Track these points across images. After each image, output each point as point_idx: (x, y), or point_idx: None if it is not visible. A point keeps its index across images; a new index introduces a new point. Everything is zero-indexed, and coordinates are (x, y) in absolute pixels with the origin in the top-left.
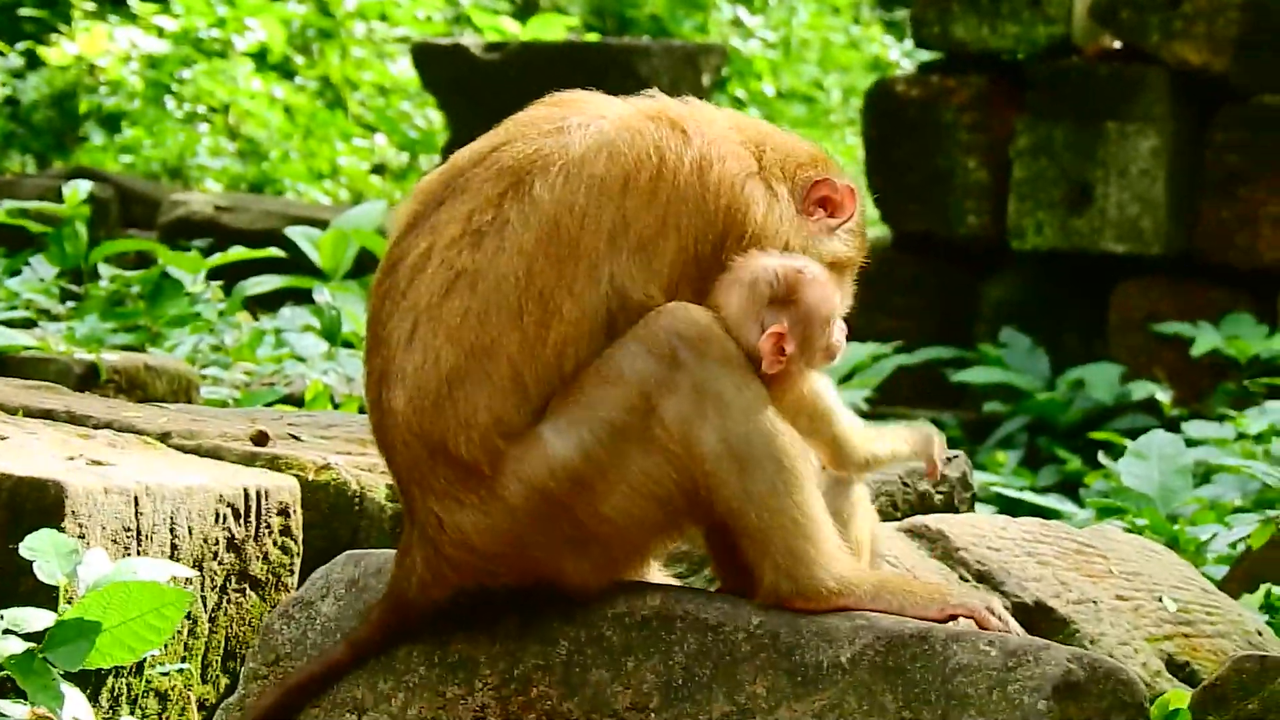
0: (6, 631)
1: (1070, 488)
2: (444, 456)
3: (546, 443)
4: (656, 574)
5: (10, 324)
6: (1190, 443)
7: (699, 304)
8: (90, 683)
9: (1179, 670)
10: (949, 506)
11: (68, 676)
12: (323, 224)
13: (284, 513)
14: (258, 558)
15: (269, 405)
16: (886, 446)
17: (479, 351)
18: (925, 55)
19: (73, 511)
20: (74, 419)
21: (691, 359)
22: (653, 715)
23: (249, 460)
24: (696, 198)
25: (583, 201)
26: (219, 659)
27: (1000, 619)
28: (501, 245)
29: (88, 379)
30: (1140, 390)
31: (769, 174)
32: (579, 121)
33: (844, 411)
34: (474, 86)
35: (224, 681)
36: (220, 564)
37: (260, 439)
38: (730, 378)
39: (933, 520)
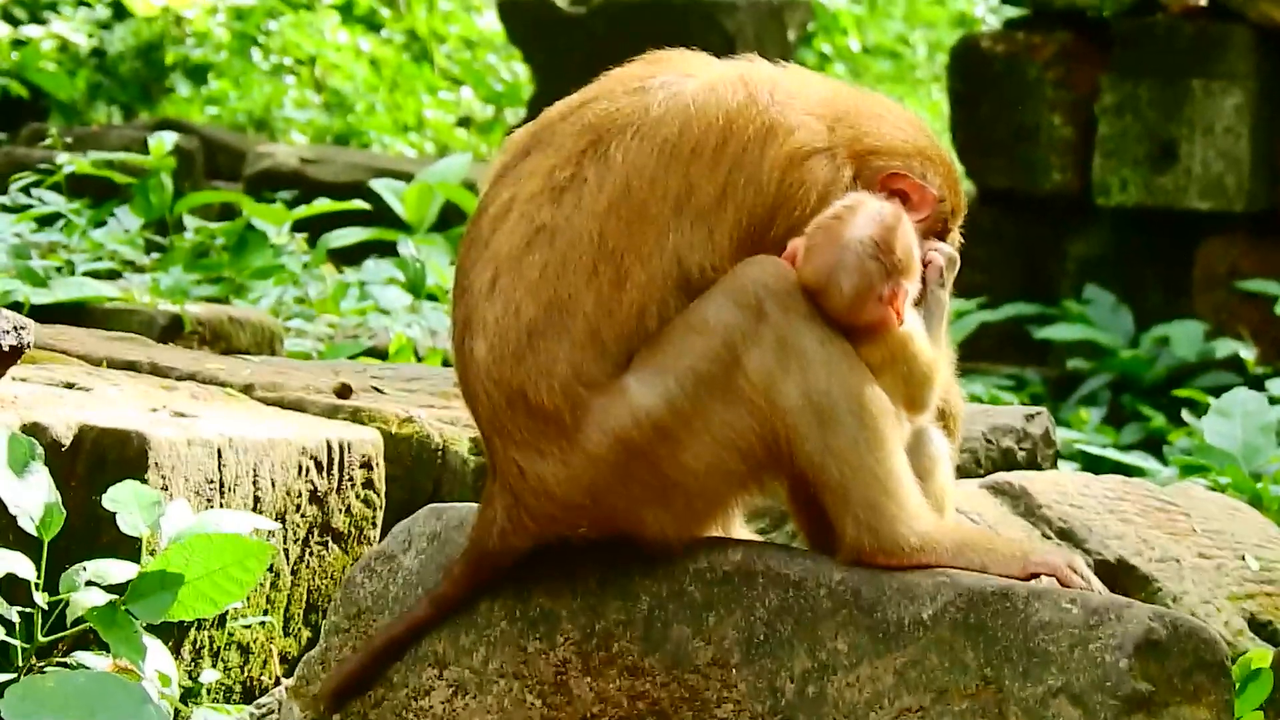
0: (89, 583)
1: (1153, 445)
2: (524, 405)
3: (630, 392)
4: (739, 530)
5: (95, 275)
6: (1274, 400)
7: None
8: (172, 635)
9: (1261, 629)
10: (1032, 463)
11: (150, 628)
12: (408, 177)
13: (366, 465)
14: (340, 510)
15: (352, 358)
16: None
17: (557, 306)
18: (1011, 11)
19: (156, 463)
20: (157, 370)
21: (776, 312)
22: (734, 671)
23: (332, 413)
24: (754, 168)
25: (653, 166)
26: (301, 611)
27: (1082, 577)
28: (579, 204)
29: (172, 331)
30: (1224, 348)
31: (839, 153)
32: (662, 81)
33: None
34: (560, 40)
35: (306, 634)
36: (303, 517)
37: (343, 391)
38: (814, 332)
39: (1015, 477)
